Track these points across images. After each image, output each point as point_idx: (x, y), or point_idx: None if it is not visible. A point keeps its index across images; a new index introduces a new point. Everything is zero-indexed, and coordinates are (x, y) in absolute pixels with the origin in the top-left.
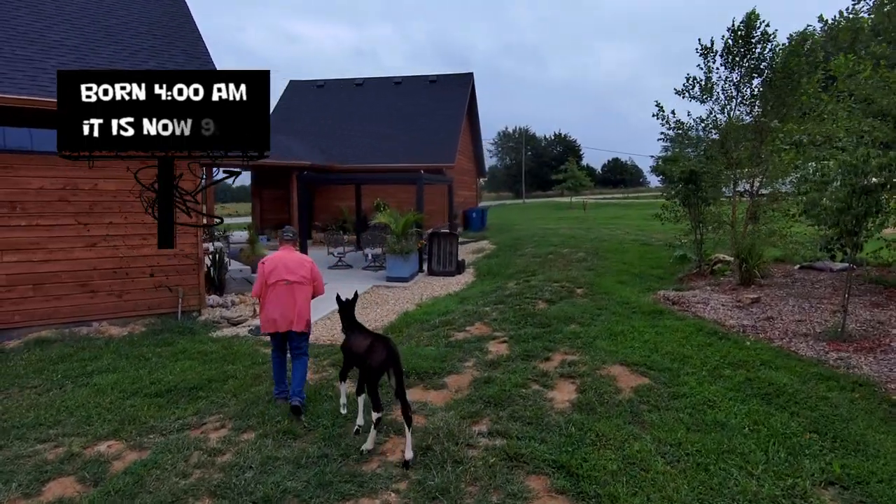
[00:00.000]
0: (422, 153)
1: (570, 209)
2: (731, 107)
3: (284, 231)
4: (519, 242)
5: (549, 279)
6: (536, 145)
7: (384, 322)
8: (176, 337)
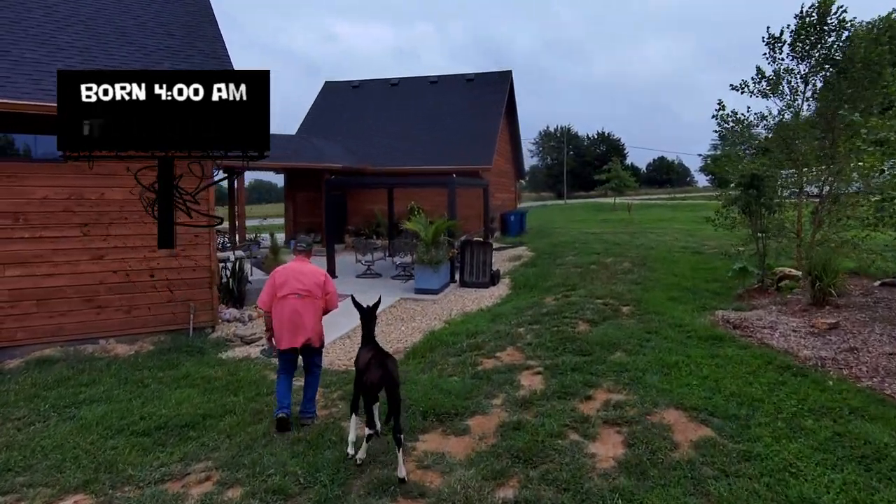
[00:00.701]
0: (457, 155)
1: (614, 210)
2: (799, 102)
3: (297, 241)
4: (559, 249)
5: (592, 294)
6: (578, 144)
7: (407, 342)
8: (183, 358)
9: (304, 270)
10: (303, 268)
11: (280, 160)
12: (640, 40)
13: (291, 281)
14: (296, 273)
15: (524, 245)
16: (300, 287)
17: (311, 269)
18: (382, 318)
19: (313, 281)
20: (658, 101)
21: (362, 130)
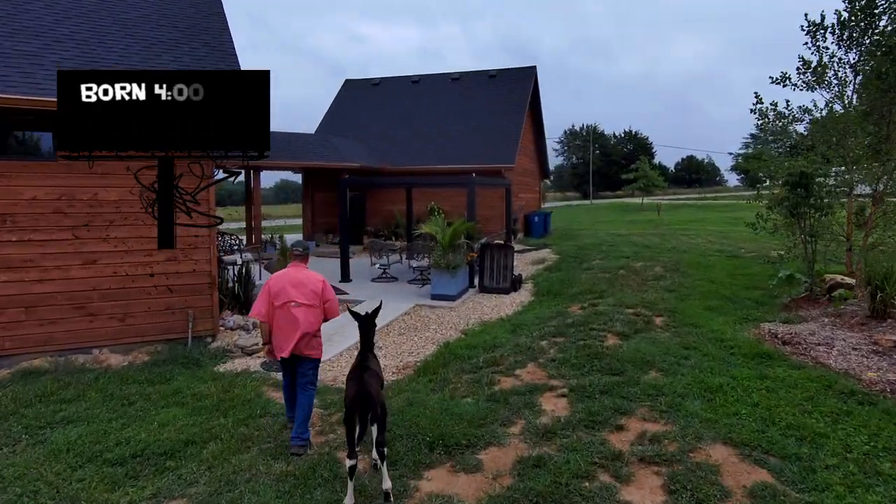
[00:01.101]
0: (479, 153)
1: (642, 211)
2: (848, 93)
3: (294, 246)
4: (585, 252)
5: (621, 303)
6: (605, 143)
7: (419, 356)
8: (177, 371)
9: (301, 278)
10: (299, 275)
11: (296, 159)
12: (669, 37)
13: (288, 289)
14: (292, 281)
15: (548, 247)
16: (297, 296)
17: (309, 277)
18: (395, 327)
19: (311, 289)
20: (687, 99)
21: (382, 129)
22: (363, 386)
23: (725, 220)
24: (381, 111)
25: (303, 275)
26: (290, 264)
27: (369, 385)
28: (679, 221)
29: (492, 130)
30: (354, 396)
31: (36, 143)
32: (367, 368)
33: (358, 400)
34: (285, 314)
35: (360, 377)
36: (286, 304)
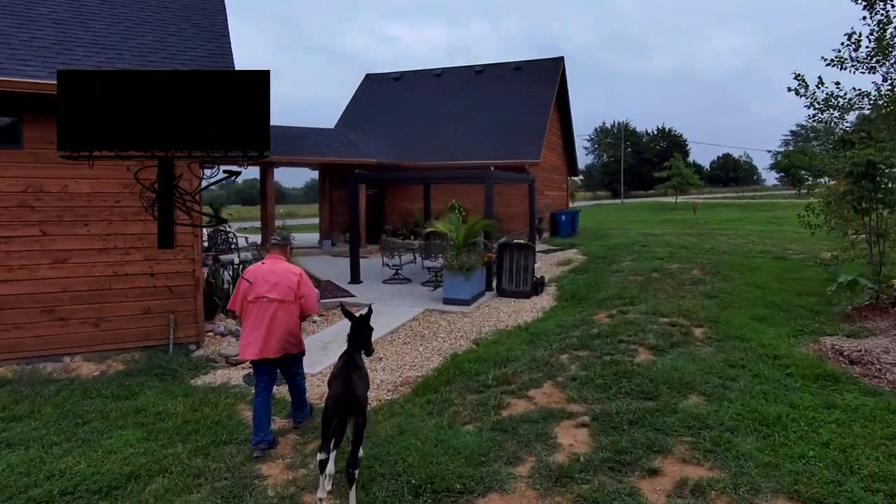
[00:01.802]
0: (502, 149)
1: (676, 210)
2: None
3: (273, 235)
4: (614, 253)
5: (655, 311)
6: (637, 141)
7: (421, 370)
8: (149, 383)
9: (276, 270)
10: (275, 267)
11: (312, 155)
12: (706, 32)
13: (260, 282)
14: (266, 273)
15: (575, 247)
16: (270, 290)
17: (284, 269)
18: (400, 334)
19: (285, 283)
20: (725, 96)
21: (402, 124)
22: (350, 389)
23: (766, 220)
24: (401, 106)
25: (278, 267)
26: (268, 255)
27: (356, 387)
28: (716, 221)
29: (516, 124)
30: (339, 397)
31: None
32: (356, 368)
33: (343, 401)
34: (258, 309)
35: (348, 378)
36: (259, 298)
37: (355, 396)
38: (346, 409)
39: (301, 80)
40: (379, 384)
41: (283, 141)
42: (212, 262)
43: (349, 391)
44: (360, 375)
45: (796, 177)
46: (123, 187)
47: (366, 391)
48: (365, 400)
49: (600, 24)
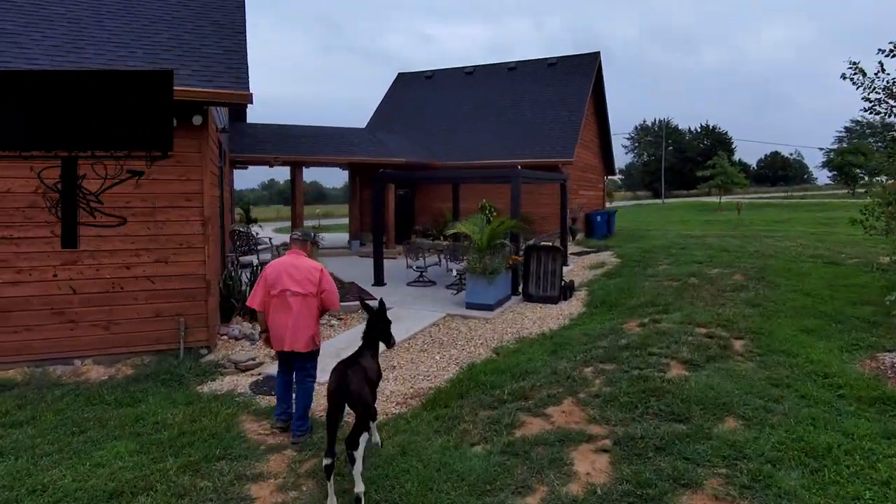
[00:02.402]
0: (535, 147)
1: (719, 211)
2: None
3: (294, 232)
4: (650, 256)
5: (690, 320)
6: (679, 139)
7: (434, 381)
8: (154, 389)
9: (299, 265)
10: (297, 262)
11: (341, 155)
12: (756, 25)
13: (284, 278)
14: (289, 269)
15: (610, 250)
16: (292, 285)
17: (307, 265)
18: (418, 341)
19: (307, 277)
20: (774, 91)
21: (432, 123)
22: (344, 383)
23: (817, 221)
24: (432, 104)
25: (300, 262)
26: (289, 251)
27: (353, 384)
28: (762, 222)
29: (550, 122)
30: (335, 391)
31: None
32: (353, 363)
33: (340, 395)
34: (281, 303)
35: (344, 372)
36: (282, 292)
37: (348, 391)
38: (339, 402)
39: (344, 81)
40: (388, 396)
41: (312, 141)
42: (231, 264)
43: (340, 385)
44: (356, 370)
45: (850, 175)
46: (134, 188)
47: (365, 385)
48: (364, 394)
49: (644, 20)
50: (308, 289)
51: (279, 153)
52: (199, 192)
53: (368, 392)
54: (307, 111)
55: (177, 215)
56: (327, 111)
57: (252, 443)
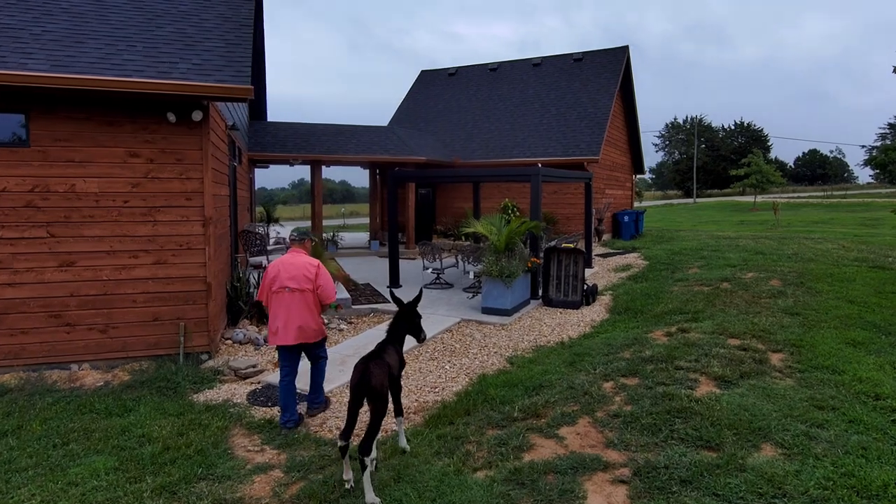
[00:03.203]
0: (559, 145)
1: (754, 211)
2: None
3: (291, 232)
4: (680, 258)
5: (722, 330)
6: (712, 136)
7: (442, 393)
8: (147, 397)
9: (296, 262)
10: (295, 260)
11: (360, 153)
12: (796, 18)
13: (282, 274)
14: (286, 266)
15: (637, 251)
16: (289, 281)
17: (303, 262)
18: (428, 348)
19: (303, 273)
20: (814, 87)
21: (455, 121)
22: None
23: (860, 222)
24: (455, 102)
25: (298, 260)
26: (289, 250)
27: (374, 378)
28: (800, 222)
29: (575, 119)
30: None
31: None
32: (376, 357)
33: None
34: (280, 299)
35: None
36: (281, 289)
37: (369, 386)
38: (360, 396)
39: (373, 79)
40: (389, 409)
41: (332, 139)
42: (240, 265)
43: (363, 379)
44: (379, 364)
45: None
46: (133, 187)
47: (386, 380)
48: (385, 388)
49: (680, 13)
50: (303, 285)
51: (298, 152)
52: (200, 190)
53: (388, 388)
54: (335, 110)
55: (176, 215)
56: (355, 110)
57: (238, 461)
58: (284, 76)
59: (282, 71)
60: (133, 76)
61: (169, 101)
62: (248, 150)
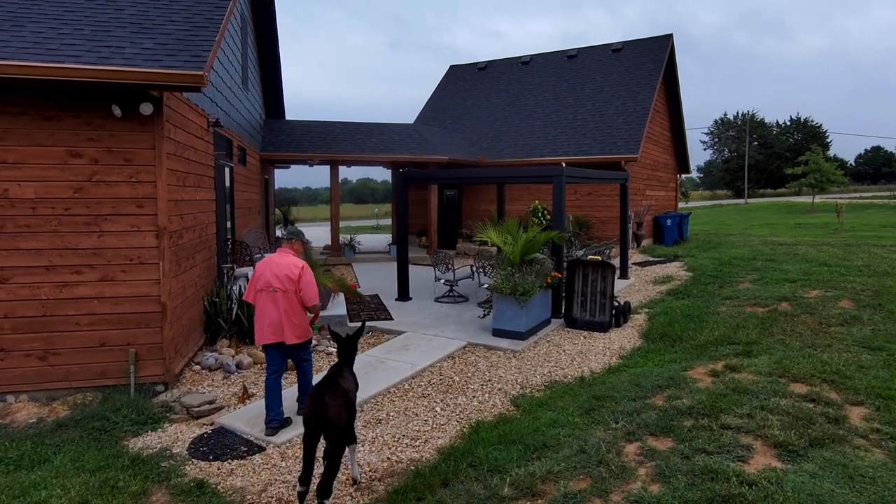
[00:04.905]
0: (594, 143)
1: (812, 212)
2: None
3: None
4: (729, 270)
5: (783, 370)
6: (765, 133)
7: (423, 448)
8: (76, 442)
9: (281, 263)
10: (280, 260)
11: (379, 152)
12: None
13: (266, 274)
14: (272, 265)
15: (680, 260)
16: (274, 281)
17: (288, 262)
18: (422, 381)
19: (286, 274)
20: (879, 81)
21: (483, 117)
22: (321, 408)
23: None
24: (484, 98)
25: (283, 260)
26: (278, 249)
27: (331, 409)
28: (865, 226)
29: (612, 115)
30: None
31: None
32: (331, 385)
33: (316, 421)
34: (265, 298)
35: (320, 396)
36: (265, 288)
37: (325, 419)
38: (316, 430)
39: (413, 79)
40: (362, 470)
41: (350, 138)
42: (225, 277)
43: (318, 412)
44: (335, 393)
45: None
46: (75, 192)
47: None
48: (342, 419)
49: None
50: (286, 285)
51: (314, 151)
52: (153, 196)
53: (346, 419)
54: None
55: (126, 224)
56: (394, 109)
57: None
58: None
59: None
60: (66, 62)
61: (112, 91)
62: (261, 149)
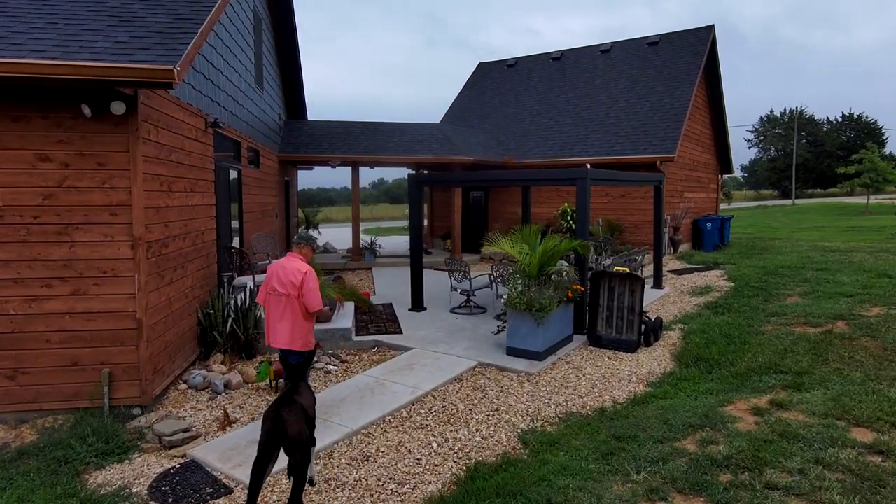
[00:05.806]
0: (628, 142)
1: (867, 214)
2: None
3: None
4: (775, 280)
5: (842, 409)
6: (815, 130)
7: (411, 495)
8: (32, 475)
9: (287, 267)
10: (288, 264)
11: (400, 153)
12: None
13: (272, 277)
14: (280, 269)
15: (720, 267)
16: (279, 285)
17: (294, 266)
18: (422, 408)
19: (290, 279)
20: None
21: (510, 116)
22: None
23: None
24: (512, 95)
25: (290, 264)
26: (288, 253)
27: (289, 425)
28: None
29: (647, 112)
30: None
31: None
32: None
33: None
34: (270, 301)
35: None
36: (272, 291)
37: (286, 437)
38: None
39: (448, 78)
40: None
41: (370, 138)
42: (225, 287)
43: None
44: (292, 409)
45: None
46: (44, 199)
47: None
48: (304, 435)
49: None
50: (289, 290)
51: (333, 152)
52: (128, 203)
53: (308, 435)
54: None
55: (99, 234)
56: (427, 109)
57: None
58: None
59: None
60: (28, 57)
61: (81, 89)
62: (280, 150)
